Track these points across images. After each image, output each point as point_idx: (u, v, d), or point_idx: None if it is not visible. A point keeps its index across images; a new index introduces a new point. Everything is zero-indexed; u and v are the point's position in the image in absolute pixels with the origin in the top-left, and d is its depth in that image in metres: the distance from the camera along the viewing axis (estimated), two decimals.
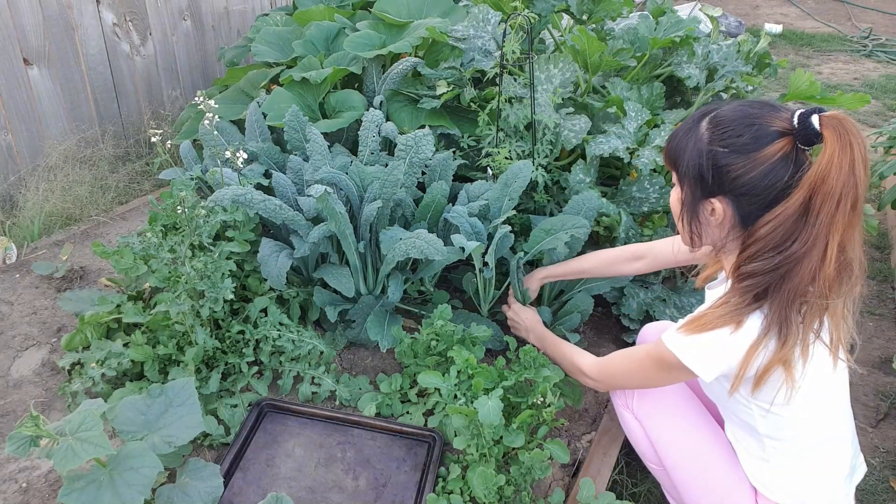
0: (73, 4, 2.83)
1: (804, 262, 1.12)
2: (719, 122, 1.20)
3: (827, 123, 1.10)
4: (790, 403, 1.21)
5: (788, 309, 1.15)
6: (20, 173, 2.81)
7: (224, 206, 1.90)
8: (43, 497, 1.58)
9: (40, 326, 2.10)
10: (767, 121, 1.15)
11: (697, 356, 1.24)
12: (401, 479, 1.66)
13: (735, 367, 1.21)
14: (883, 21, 6.71)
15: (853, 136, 1.08)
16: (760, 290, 1.17)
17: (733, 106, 1.20)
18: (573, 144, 2.13)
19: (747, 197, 1.17)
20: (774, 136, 1.14)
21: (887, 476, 1.86)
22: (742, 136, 1.16)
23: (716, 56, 2.40)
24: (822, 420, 1.28)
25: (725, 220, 1.23)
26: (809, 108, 1.13)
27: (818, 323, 1.18)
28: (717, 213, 1.22)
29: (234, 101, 2.76)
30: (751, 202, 1.17)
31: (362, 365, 2.04)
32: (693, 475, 1.43)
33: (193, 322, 1.81)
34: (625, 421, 1.58)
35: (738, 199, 1.19)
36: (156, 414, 1.46)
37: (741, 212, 1.20)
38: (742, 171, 1.16)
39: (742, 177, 1.16)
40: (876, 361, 2.30)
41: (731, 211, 1.21)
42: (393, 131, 2.23)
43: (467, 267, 2.25)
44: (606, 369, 1.53)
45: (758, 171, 1.14)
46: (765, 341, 1.17)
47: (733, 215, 1.21)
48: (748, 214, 1.19)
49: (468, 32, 2.40)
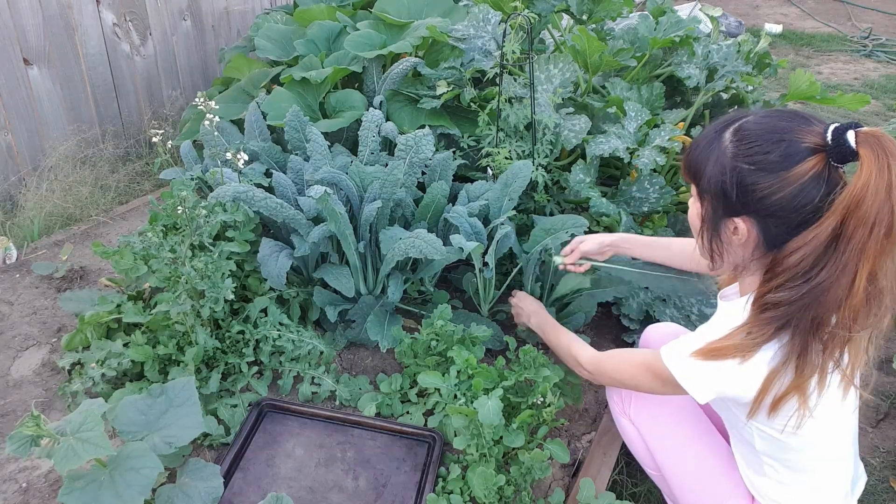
0: (73, 4, 2.83)
1: (831, 291, 1.04)
2: (745, 135, 1.10)
3: (864, 141, 1.00)
4: (798, 430, 1.16)
5: (810, 338, 1.07)
6: (20, 173, 2.81)
7: (225, 203, 1.90)
8: (43, 497, 1.59)
9: (40, 326, 2.10)
10: (798, 136, 1.05)
11: (698, 382, 1.20)
12: (401, 479, 1.66)
13: (742, 395, 1.16)
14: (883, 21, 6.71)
15: (892, 157, 0.99)
16: (784, 322, 1.09)
17: (760, 117, 1.11)
18: (573, 144, 2.13)
19: (774, 218, 1.08)
20: (806, 154, 1.04)
21: (887, 476, 1.86)
22: (770, 153, 1.06)
23: (716, 56, 2.40)
24: (825, 445, 1.23)
25: (749, 241, 1.14)
26: (845, 124, 1.03)
27: (839, 352, 1.10)
28: (741, 234, 1.14)
29: (234, 100, 2.76)
30: (778, 224, 1.09)
31: (362, 365, 2.04)
32: (690, 481, 1.42)
33: (193, 322, 1.81)
34: (622, 427, 1.57)
35: (763, 220, 1.10)
36: (156, 414, 1.46)
37: (767, 233, 1.11)
38: (769, 190, 1.06)
39: (769, 197, 1.07)
40: (876, 361, 2.30)
41: (756, 232, 1.12)
42: (393, 131, 2.23)
43: (467, 267, 2.25)
44: (603, 365, 1.48)
45: (787, 192, 1.05)
46: (783, 370, 1.10)
47: (758, 236, 1.12)
48: (774, 236, 1.11)
49: (468, 32, 2.40)
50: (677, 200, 2.24)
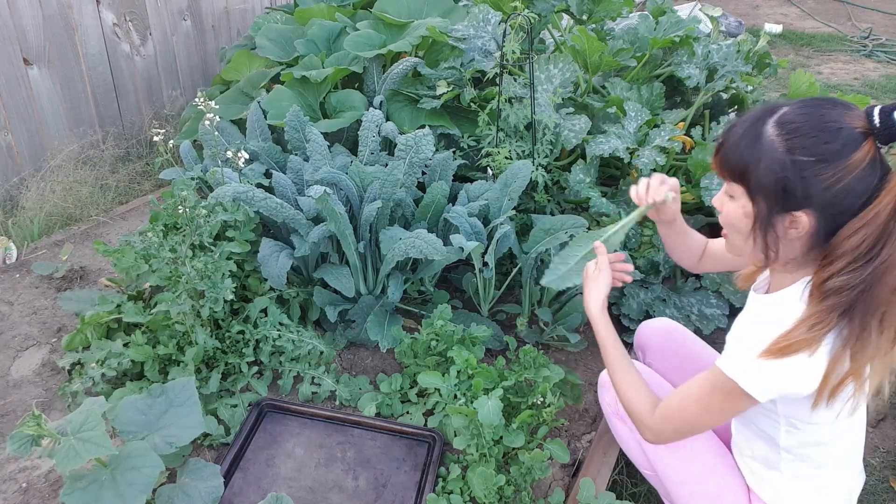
0: (73, 4, 2.83)
1: (893, 269, 1.05)
2: (795, 128, 1.08)
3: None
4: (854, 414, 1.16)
5: (870, 318, 1.08)
6: (20, 173, 2.81)
7: (225, 203, 1.90)
8: (43, 497, 1.59)
9: (40, 326, 2.10)
10: (849, 122, 1.06)
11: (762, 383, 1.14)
12: (401, 479, 1.66)
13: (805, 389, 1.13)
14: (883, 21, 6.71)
15: None
16: (847, 307, 1.08)
17: (800, 108, 1.10)
18: (573, 144, 2.13)
19: (834, 207, 1.08)
20: (860, 139, 1.05)
21: (887, 476, 1.87)
22: (829, 143, 1.06)
23: (716, 56, 2.40)
24: (852, 436, 1.24)
25: (806, 234, 1.13)
26: (889, 105, 1.04)
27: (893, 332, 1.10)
28: (801, 227, 1.11)
29: (234, 101, 2.76)
30: (838, 212, 1.08)
31: (362, 365, 2.04)
32: (684, 480, 1.42)
33: (193, 322, 1.81)
34: (615, 428, 1.56)
35: (824, 211, 1.09)
36: (156, 414, 1.46)
37: (827, 224, 1.10)
38: (833, 180, 1.06)
39: (832, 187, 1.06)
40: None
41: (815, 223, 1.10)
42: (393, 131, 2.24)
43: (467, 267, 2.25)
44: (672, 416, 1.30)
45: (849, 180, 1.05)
46: (843, 356, 1.09)
47: (816, 227, 1.11)
48: (834, 226, 1.10)
49: (468, 32, 2.40)
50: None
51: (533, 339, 2.08)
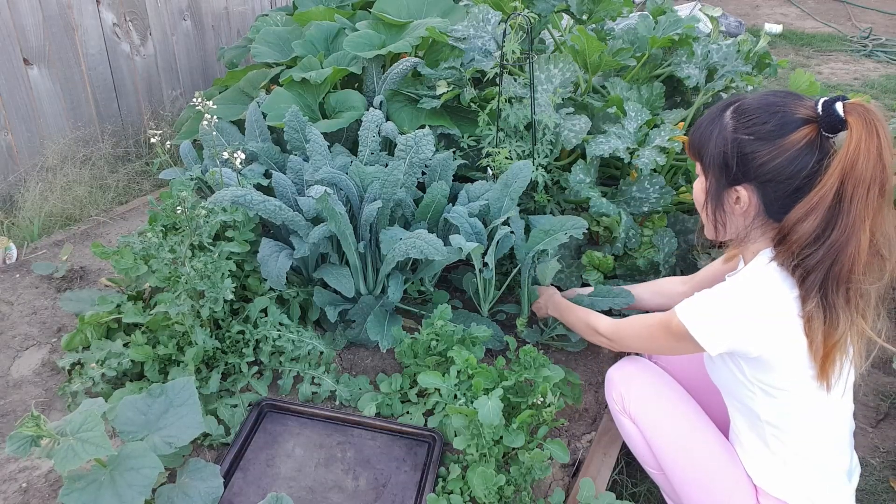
0: (73, 4, 2.83)
1: (847, 248, 1.13)
2: (744, 110, 1.22)
3: (851, 110, 1.12)
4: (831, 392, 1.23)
5: (833, 296, 1.16)
6: (20, 173, 2.81)
7: (224, 206, 1.90)
8: (43, 497, 1.58)
9: (40, 326, 2.10)
10: (792, 108, 1.17)
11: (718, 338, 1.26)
12: (401, 479, 1.66)
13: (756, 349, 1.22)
14: (883, 21, 6.71)
15: (878, 122, 1.10)
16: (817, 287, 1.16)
17: (757, 96, 1.23)
18: (573, 144, 2.13)
19: (773, 184, 1.20)
20: (799, 123, 1.16)
21: (887, 476, 1.86)
22: (767, 123, 1.18)
23: (715, 56, 2.39)
24: (826, 410, 1.28)
25: (750, 208, 1.25)
26: (834, 97, 1.15)
27: (862, 307, 1.19)
28: (743, 201, 1.24)
29: (233, 101, 2.76)
30: (776, 189, 1.20)
31: (362, 365, 2.04)
32: (692, 477, 1.43)
33: (193, 322, 1.81)
34: (622, 425, 1.58)
35: (763, 187, 1.21)
36: (156, 414, 1.46)
37: (766, 199, 1.22)
38: (767, 157, 1.18)
39: (767, 164, 1.18)
40: (876, 361, 2.29)
41: (756, 198, 1.23)
42: (393, 131, 2.23)
43: (467, 267, 2.25)
44: (621, 330, 1.57)
45: (783, 158, 1.17)
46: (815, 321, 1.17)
47: (758, 203, 1.24)
48: (773, 202, 1.22)
49: (468, 32, 2.40)
50: (677, 200, 2.24)
51: (533, 339, 2.08)
